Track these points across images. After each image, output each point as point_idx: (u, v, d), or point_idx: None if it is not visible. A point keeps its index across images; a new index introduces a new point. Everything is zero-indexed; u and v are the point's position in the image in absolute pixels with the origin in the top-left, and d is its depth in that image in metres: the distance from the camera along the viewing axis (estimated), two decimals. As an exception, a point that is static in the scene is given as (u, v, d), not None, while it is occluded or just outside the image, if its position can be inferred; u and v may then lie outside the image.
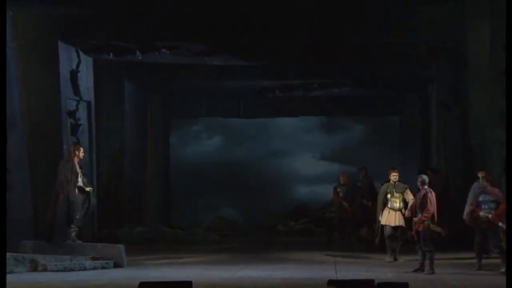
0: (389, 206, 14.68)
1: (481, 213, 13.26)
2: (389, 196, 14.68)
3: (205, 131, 27.29)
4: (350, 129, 27.01)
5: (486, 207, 13.26)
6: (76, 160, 14.38)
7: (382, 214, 14.74)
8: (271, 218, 24.96)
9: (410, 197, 14.44)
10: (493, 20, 16.23)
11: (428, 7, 16.43)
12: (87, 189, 14.36)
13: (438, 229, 13.08)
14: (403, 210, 14.49)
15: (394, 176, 14.75)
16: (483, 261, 13.36)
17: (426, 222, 12.97)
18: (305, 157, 26.84)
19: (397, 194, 14.63)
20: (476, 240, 13.40)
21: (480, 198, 13.36)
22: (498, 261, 13.16)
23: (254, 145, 26.71)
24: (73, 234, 14.28)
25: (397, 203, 14.62)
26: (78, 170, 14.34)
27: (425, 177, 13.45)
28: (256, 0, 15.99)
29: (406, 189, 14.67)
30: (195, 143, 27.02)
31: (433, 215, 13.07)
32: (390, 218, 14.60)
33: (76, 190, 14.26)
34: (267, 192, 26.00)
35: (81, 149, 14.70)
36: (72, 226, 14.25)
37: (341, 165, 24.90)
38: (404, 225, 14.47)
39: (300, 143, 26.83)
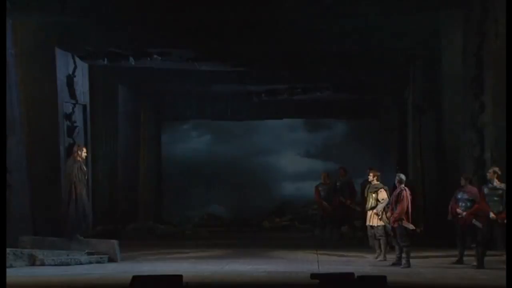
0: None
1: (458, 210, 13.34)
2: (366, 195, 14.44)
3: (195, 132, 27.27)
4: (332, 127, 27.01)
5: (463, 204, 13.33)
6: (78, 160, 14.43)
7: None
8: (257, 214, 24.96)
9: (380, 196, 14.02)
10: (465, 29, 16.31)
11: (404, 16, 16.49)
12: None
13: (410, 226, 13.10)
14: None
15: (369, 177, 14.44)
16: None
17: (399, 219, 13.02)
18: (290, 154, 26.83)
19: (370, 194, 14.23)
20: (457, 235, 13.47)
21: (458, 196, 13.42)
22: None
23: (241, 143, 26.70)
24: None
25: (368, 203, 14.23)
26: (85, 170, 14.42)
27: (402, 176, 13.46)
28: (243, 10, 15.99)
29: (380, 189, 14.18)
30: (185, 142, 27.02)
31: (406, 212, 13.10)
32: (368, 217, 14.31)
33: (85, 189, 14.37)
34: (254, 189, 25.99)
35: (84, 150, 14.71)
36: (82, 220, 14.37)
37: (324, 162, 24.96)
38: (377, 224, 14.03)
39: (285, 141, 26.83)
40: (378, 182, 14.32)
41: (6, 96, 14.48)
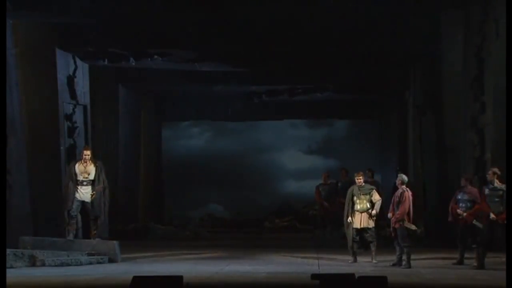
0: (355, 208, 13.96)
1: (458, 211, 13.36)
2: (355, 198, 13.98)
3: (196, 129, 27.29)
4: (333, 124, 26.99)
5: (463, 205, 13.34)
6: (81, 161, 14.66)
7: (350, 216, 13.97)
8: (258, 215, 24.96)
9: (376, 197, 13.88)
10: (466, 29, 16.33)
11: (405, 17, 16.50)
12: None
13: (412, 227, 13.10)
14: (370, 211, 13.85)
15: (358, 180, 14.03)
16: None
17: (400, 220, 13.03)
18: (292, 151, 26.81)
19: (362, 196, 13.93)
20: (457, 235, 13.48)
21: (459, 197, 13.43)
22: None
23: (242, 140, 26.70)
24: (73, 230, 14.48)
25: (361, 205, 13.89)
26: (77, 171, 14.52)
27: (404, 177, 13.46)
28: (244, 11, 16.01)
29: (372, 190, 14.00)
30: (186, 139, 27.03)
31: (408, 213, 13.10)
32: (355, 220, 13.92)
33: (79, 188, 14.47)
34: (255, 188, 25.96)
35: (84, 151, 14.90)
36: (72, 221, 14.41)
37: (326, 160, 24.93)
38: (371, 226, 13.84)
39: (287, 138, 26.82)
40: (365, 184, 14.15)
41: (6, 96, 14.50)
